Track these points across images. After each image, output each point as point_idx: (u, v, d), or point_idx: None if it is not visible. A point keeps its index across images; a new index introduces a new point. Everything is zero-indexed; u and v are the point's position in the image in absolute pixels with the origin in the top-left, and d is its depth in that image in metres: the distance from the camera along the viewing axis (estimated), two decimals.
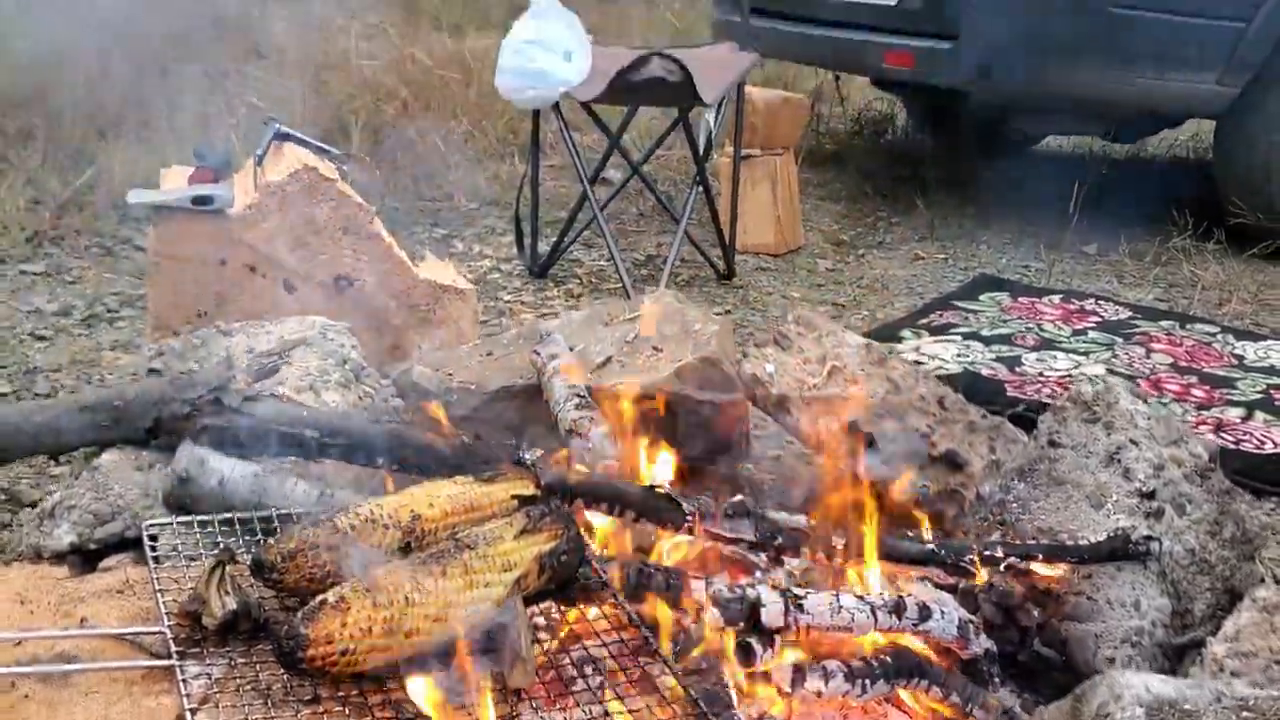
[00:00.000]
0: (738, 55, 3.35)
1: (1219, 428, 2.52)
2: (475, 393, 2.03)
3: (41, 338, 2.74)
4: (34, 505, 1.96)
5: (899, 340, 2.95)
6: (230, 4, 6.29)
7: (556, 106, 3.25)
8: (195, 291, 2.21)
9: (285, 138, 2.38)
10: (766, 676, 1.29)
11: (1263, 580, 1.78)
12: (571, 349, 2.07)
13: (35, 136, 4.06)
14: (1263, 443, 2.45)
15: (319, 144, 2.38)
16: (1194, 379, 2.79)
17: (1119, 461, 1.71)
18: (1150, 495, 1.68)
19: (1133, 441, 1.73)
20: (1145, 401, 1.81)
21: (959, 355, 2.85)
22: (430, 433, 1.44)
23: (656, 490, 1.45)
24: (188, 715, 1.09)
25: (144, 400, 1.43)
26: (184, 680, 1.13)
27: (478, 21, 6.56)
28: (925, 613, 1.49)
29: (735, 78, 3.26)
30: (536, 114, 3.35)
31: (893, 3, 3.91)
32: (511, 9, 7.12)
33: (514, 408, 2.03)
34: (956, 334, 3.01)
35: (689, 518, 1.45)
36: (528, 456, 1.38)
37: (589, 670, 1.26)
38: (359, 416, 1.55)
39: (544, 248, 3.52)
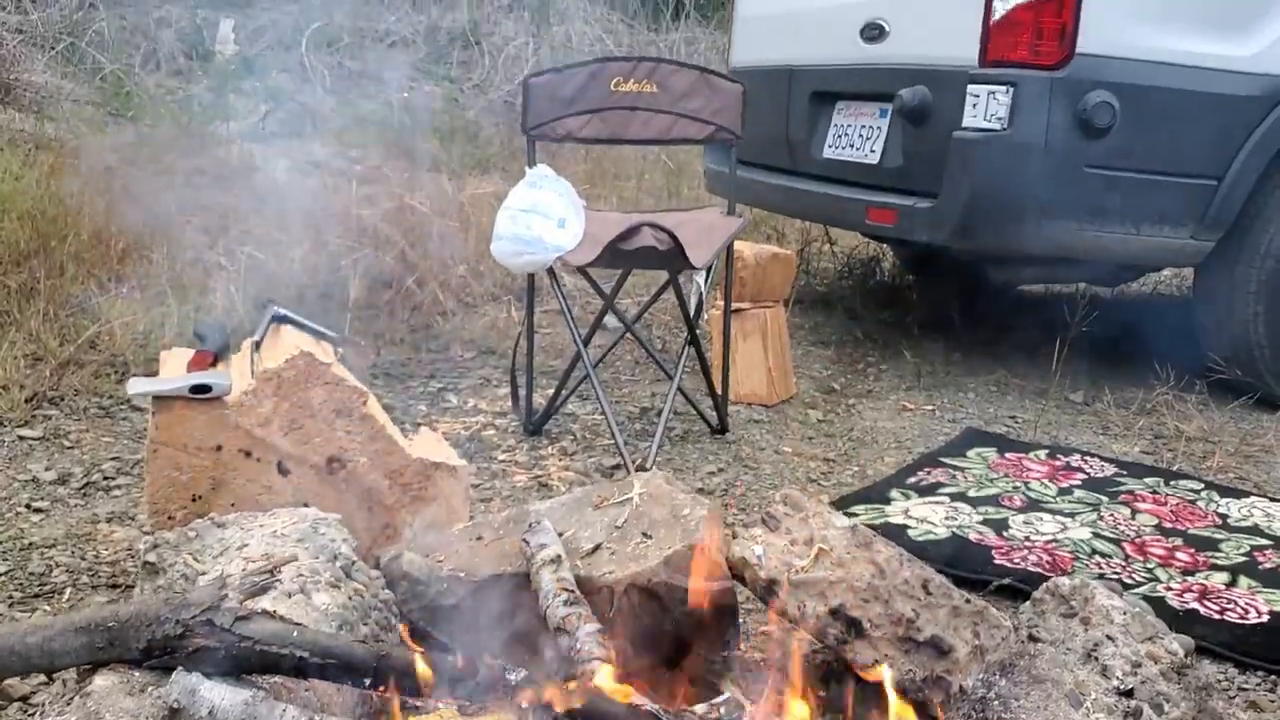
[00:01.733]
0: (726, 220, 3.46)
1: (1204, 595, 2.54)
2: (464, 581, 2.06)
3: (38, 509, 2.77)
4: (24, 700, 1.98)
5: (888, 501, 2.98)
6: (234, 150, 6.48)
7: (551, 270, 3.33)
8: (191, 476, 2.25)
9: (284, 320, 2.45)
10: None
11: None
12: (560, 535, 2.10)
13: (38, 291, 4.14)
14: (1246, 612, 2.47)
15: (316, 327, 2.45)
16: (1179, 541, 2.82)
17: (1096, 659, 1.74)
18: (1129, 694, 1.70)
19: (1109, 638, 1.75)
20: (1121, 596, 1.84)
21: (947, 519, 2.88)
22: (418, 652, 1.46)
23: (641, 710, 1.47)
24: None
25: (138, 621, 1.46)
26: None
27: (476, 167, 6.74)
28: None
29: (724, 241, 3.35)
30: (531, 276, 3.44)
31: (874, 161, 4.05)
32: (510, 150, 7.35)
33: (504, 596, 2.05)
34: (945, 494, 3.04)
35: None
36: (512, 678, 1.41)
37: None
38: (348, 636, 1.58)
39: (539, 399, 3.58)
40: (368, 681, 1.42)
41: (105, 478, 2.99)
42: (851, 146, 4.17)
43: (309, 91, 9.67)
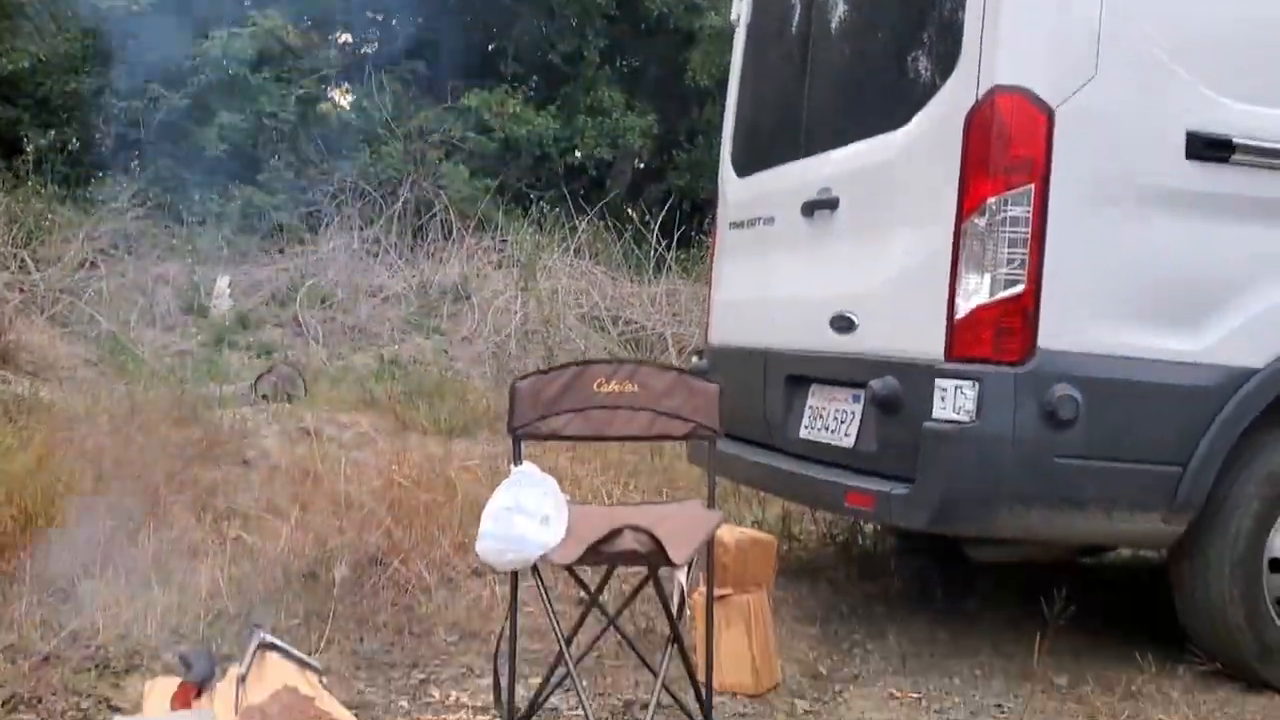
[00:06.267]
0: (706, 514, 3.53)
1: None
2: None
3: None
4: None
5: None
6: (225, 416, 6.61)
7: (535, 568, 3.37)
8: None
9: (270, 647, 2.48)
10: None
11: None
12: None
13: (21, 578, 4.14)
14: None
15: (300, 655, 2.48)
16: None
17: None
18: None
19: None
20: None
21: None
22: None
23: None
24: None
25: None
26: None
27: (464, 431, 6.87)
28: None
29: (704, 537, 3.41)
30: (515, 574, 3.47)
31: (849, 445, 4.16)
32: (498, 410, 7.49)
33: None
34: None
35: None
36: None
37: None
38: None
39: (524, 689, 3.54)
40: None
41: None
42: (827, 429, 4.30)
43: (301, 346, 9.94)
